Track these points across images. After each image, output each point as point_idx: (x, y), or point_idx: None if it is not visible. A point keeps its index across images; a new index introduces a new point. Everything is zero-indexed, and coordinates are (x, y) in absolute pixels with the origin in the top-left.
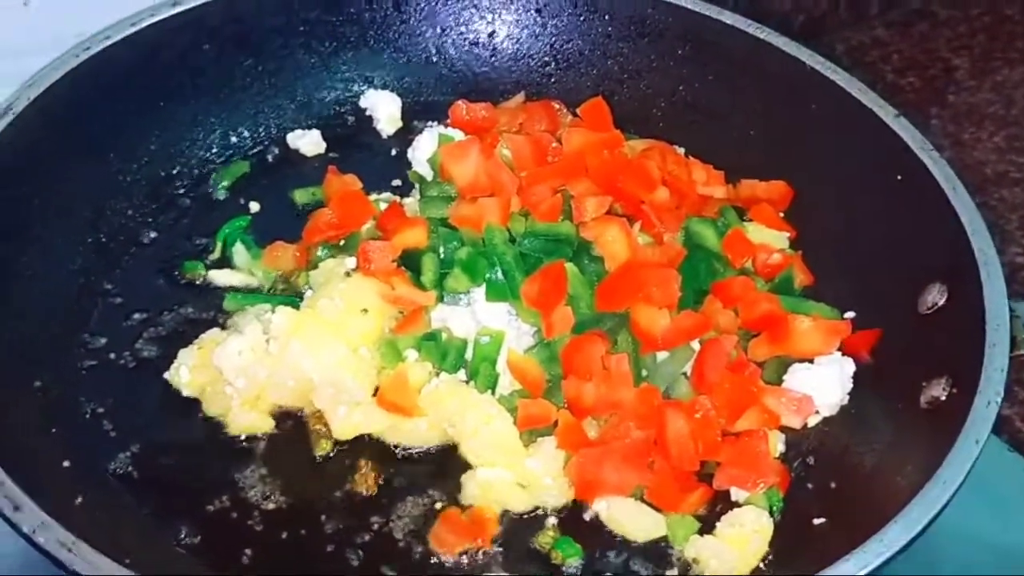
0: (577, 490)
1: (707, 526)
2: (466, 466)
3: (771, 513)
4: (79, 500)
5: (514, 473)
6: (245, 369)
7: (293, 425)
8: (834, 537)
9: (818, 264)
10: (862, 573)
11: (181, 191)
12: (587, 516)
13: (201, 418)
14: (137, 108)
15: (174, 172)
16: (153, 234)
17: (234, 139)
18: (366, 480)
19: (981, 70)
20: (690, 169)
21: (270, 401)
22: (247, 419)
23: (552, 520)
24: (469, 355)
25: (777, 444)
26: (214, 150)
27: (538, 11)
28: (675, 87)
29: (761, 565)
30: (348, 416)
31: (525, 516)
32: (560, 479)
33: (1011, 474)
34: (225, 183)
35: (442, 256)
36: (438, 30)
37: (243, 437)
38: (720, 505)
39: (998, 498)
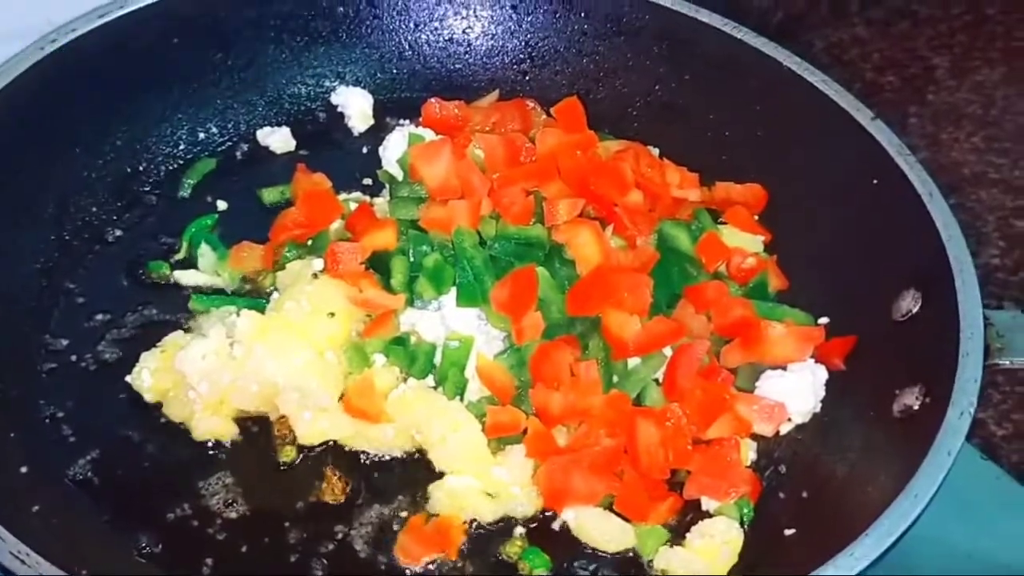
0: (545, 499)
1: (677, 536)
2: (434, 474)
3: (741, 523)
4: (36, 508)
5: (482, 482)
6: (208, 373)
7: (258, 431)
8: (804, 548)
9: (793, 268)
10: None
11: (147, 188)
12: (556, 526)
13: (163, 423)
14: (104, 102)
15: (140, 168)
16: (118, 232)
17: (202, 135)
18: (332, 488)
19: (961, 70)
20: (664, 171)
21: (234, 406)
22: (210, 424)
23: (520, 530)
24: (438, 360)
25: (749, 453)
26: (181, 146)
27: (514, 8)
28: (651, 87)
29: None
30: (314, 422)
31: (493, 526)
32: (529, 488)
33: (983, 481)
34: (192, 180)
35: (412, 259)
36: (412, 26)
37: (206, 443)
38: (690, 515)
39: (970, 505)
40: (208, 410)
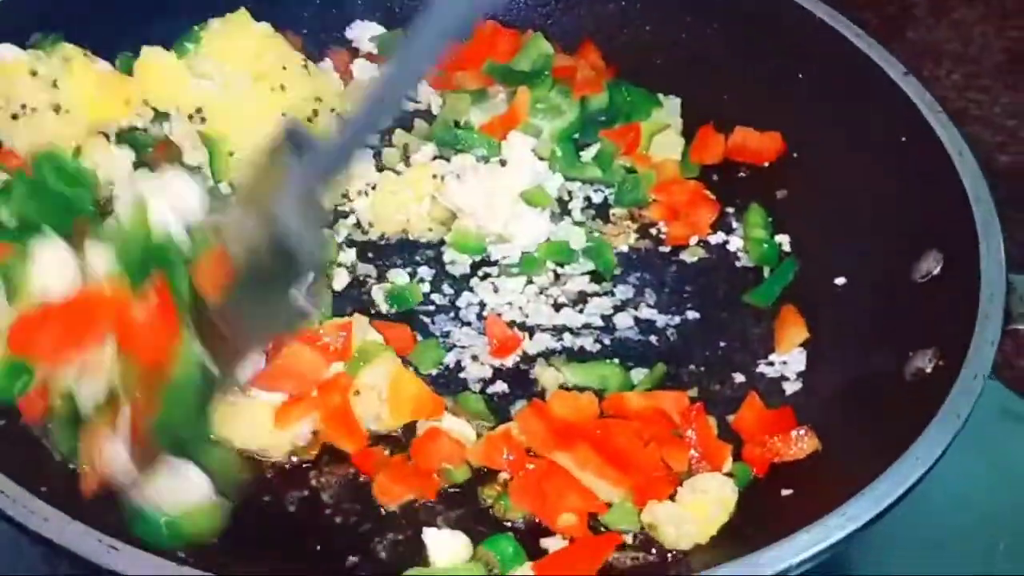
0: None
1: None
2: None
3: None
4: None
5: None
6: None
7: None
8: (800, 510)
9: (809, 223)
10: (817, 549)
11: None
12: None
13: None
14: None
15: None
16: None
17: None
18: None
19: (939, 7)
20: None
21: None
22: None
23: (505, 475)
24: None
25: None
26: None
27: None
28: (677, 35)
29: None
30: None
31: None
32: None
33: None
34: None
35: None
36: None
37: None
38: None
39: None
40: None
